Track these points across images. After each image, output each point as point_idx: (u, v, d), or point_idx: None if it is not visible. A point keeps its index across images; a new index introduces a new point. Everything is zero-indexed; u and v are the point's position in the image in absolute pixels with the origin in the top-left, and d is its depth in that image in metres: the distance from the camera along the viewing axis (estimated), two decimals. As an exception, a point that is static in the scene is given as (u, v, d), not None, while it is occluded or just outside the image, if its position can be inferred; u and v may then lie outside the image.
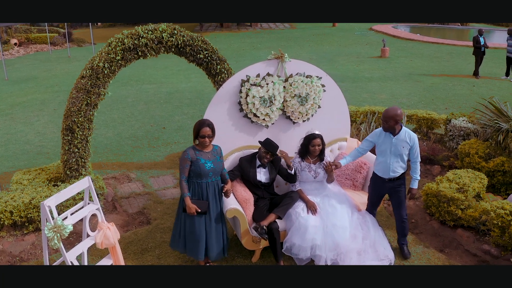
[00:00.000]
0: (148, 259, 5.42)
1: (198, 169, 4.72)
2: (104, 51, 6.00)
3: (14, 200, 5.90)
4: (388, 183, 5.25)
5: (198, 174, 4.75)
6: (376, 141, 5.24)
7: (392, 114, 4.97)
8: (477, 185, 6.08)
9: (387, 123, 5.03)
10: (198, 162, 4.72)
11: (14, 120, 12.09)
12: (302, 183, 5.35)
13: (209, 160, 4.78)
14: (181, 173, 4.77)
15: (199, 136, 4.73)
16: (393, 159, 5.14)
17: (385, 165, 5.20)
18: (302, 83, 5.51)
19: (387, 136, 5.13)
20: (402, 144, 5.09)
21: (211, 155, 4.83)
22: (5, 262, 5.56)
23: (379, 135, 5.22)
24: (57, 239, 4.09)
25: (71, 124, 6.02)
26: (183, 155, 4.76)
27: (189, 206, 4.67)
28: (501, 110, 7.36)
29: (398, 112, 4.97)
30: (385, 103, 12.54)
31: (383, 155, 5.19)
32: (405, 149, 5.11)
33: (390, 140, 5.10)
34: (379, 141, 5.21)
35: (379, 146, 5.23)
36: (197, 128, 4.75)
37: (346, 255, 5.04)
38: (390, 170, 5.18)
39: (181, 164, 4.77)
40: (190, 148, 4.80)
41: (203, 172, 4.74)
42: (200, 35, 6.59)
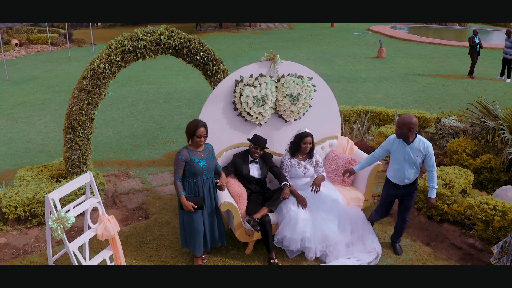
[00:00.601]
0: (146, 251, 5.67)
1: (193, 168, 4.95)
2: (104, 52, 6.26)
3: (18, 195, 6.15)
4: (402, 189, 5.29)
5: (193, 173, 4.98)
6: (390, 148, 5.25)
7: (406, 121, 4.92)
8: (463, 181, 6.32)
9: (400, 130, 4.99)
10: (193, 162, 4.94)
11: (16, 119, 12.33)
12: (292, 179, 5.61)
13: (203, 159, 5.01)
14: (176, 173, 4.98)
15: (195, 136, 4.94)
16: (407, 167, 5.13)
17: (400, 173, 5.20)
18: (293, 83, 5.76)
19: (401, 144, 5.11)
20: (416, 153, 5.07)
21: (204, 154, 5.06)
22: (10, 254, 5.80)
23: (392, 142, 5.22)
24: (60, 230, 4.34)
25: (73, 122, 6.27)
26: (177, 156, 4.96)
27: (185, 204, 4.92)
28: (489, 109, 7.61)
29: (413, 121, 4.91)
30: (379, 102, 12.79)
31: (397, 163, 5.19)
32: (419, 158, 5.09)
33: (404, 148, 5.09)
34: (393, 148, 5.20)
35: (393, 153, 5.23)
36: (192, 128, 4.95)
37: (335, 247, 5.30)
38: (405, 178, 5.19)
39: (176, 165, 4.97)
40: (184, 149, 5.01)
41: (197, 171, 4.97)
42: (197, 37, 6.85)
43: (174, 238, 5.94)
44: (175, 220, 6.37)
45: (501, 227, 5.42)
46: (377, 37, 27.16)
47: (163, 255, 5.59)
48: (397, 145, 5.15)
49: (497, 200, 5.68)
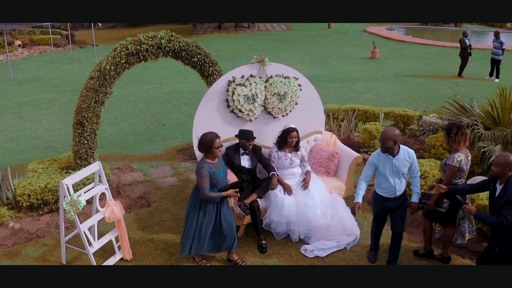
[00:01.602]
0: (148, 234, 6.30)
1: (215, 180, 5.10)
2: (110, 55, 6.88)
3: (31, 185, 6.77)
4: (394, 201, 5.29)
5: (215, 185, 5.13)
6: (376, 164, 5.19)
7: (390, 134, 4.93)
8: (436, 172, 6.93)
9: (385, 144, 4.98)
10: (215, 174, 5.07)
11: (23, 118, 12.93)
12: (279, 169, 6.23)
13: (221, 169, 5.19)
14: (204, 188, 4.98)
15: (213, 148, 5.02)
16: (396, 179, 5.13)
17: (390, 186, 5.18)
18: (280, 83, 6.39)
19: (387, 158, 5.09)
20: (403, 163, 5.08)
21: (220, 164, 5.22)
22: (24, 238, 6.40)
23: (377, 158, 5.18)
24: (73, 211, 4.96)
25: (82, 119, 6.90)
26: (201, 172, 4.97)
27: (228, 194, 5.11)
28: (464, 107, 8.23)
29: (396, 133, 4.93)
30: (369, 102, 13.37)
31: (385, 177, 5.15)
32: (405, 168, 5.12)
33: (391, 161, 5.08)
34: (379, 164, 5.16)
35: (380, 168, 5.17)
36: (209, 142, 5.00)
37: (317, 230, 5.93)
38: (397, 190, 5.20)
39: (203, 180, 4.96)
40: (204, 163, 5.05)
41: (219, 182, 5.15)
42: (194, 41, 7.48)
43: (173, 223, 6.57)
44: (174, 208, 7.00)
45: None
46: (372, 38, 27.75)
47: (163, 237, 6.21)
48: (383, 159, 5.12)
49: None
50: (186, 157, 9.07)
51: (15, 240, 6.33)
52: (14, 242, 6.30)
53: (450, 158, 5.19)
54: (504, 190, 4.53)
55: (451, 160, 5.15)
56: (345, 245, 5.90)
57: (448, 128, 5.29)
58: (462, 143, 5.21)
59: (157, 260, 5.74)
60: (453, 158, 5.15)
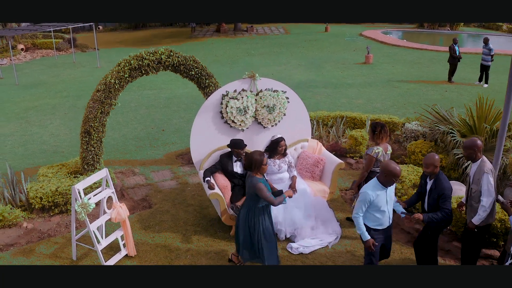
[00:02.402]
0: (150, 233, 6.94)
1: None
2: (115, 70, 7.53)
3: (43, 189, 7.41)
4: (388, 229, 5.35)
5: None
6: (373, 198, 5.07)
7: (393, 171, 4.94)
8: (413, 177, 7.57)
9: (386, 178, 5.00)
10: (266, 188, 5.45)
11: (29, 123, 13.52)
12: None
13: (266, 182, 5.63)
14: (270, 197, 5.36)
15: (262, 165, 5.44)
16: (389, 208, 5.21)
17: (385, 217, 5.19)
18: (270, 96, 7.04)
19: (380, 190, 5.08)
20: (392, 190, 5.22)
21: (264, 178, 5.65)
22: (36, 237, 7.04)
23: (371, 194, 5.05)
24: (84, 213, 5.60)
25: (89, 128, 7.55)
26: (260, 186, 5.32)
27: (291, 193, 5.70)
28: (442, 115, 8.88)
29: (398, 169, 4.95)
30: (360, 107, 14.02)
31: (380, 209, 5.12)
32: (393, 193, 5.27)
33: (385, 192, 5.10)
34: (374, 199, 5.06)
35: (375, 202, 5.08)
36: (259, 159, 5.39)
37: (302, 230, 6.58)
38: (389, 218, 5.26)
39: (265, 191, 5.33)
40: (257, 178, 5.45)
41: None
42: (192, 56, 8.12)
43: (173, 223, 7.22)
44: (173, 209, 7.65)
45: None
46: (368, 42, 28.37)
47: (163, 236, 6.86)
48: (377, 193, 5.06)
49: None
50: (185, 162, 9.72)
51: (28, 239, 6.97)
52: (27, 240, 6.94)
53: (370, 149, 6.28)
54: (434, 184, 5.27)
55: (370, 151, 6.25)
56: (327, 243, 6.54)
57: (373, 126, 6.29)
58: (384, 139, 6.31)
59: (158, 256, 6.39)
60: (372, 149, 6.24)
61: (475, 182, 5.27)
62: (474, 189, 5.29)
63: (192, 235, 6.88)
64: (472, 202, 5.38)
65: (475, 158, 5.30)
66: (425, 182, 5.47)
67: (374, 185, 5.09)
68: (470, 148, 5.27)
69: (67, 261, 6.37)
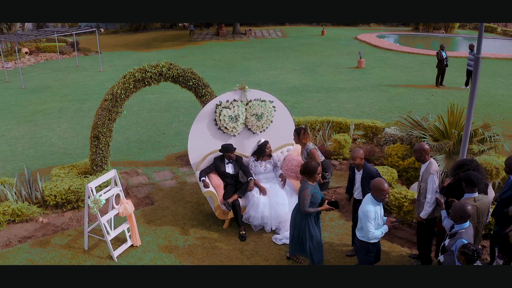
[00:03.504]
0: (152, 227, 7.86)
1: (316, 200, 6.15)
2: (121, 81, 8.44)
3: (57, 187, 8.32)
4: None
5: (314, 203, 6.15)
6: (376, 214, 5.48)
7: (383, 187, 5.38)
8: (388, 177, 8.46)
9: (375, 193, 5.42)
10: (316, 195, 6.13)
11: (37, 126, 14.32)
12: (256, 174, 7.79)
13: (318, 190, 6.26)
14: (305, 205, 6.04)
15: (315, 173, 6.08)
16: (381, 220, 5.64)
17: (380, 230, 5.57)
18: (258, 106, 7.97)
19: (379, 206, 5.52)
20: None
21: (317, 186, 6.28)
22: (51, 230, 7.93)
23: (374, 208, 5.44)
24: (96, 208, 6.52)
25: (97, 133, 8.46)
26: (306, 192, 6.01)
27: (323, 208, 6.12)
28: (416, 121, 9.78)
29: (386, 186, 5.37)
30: (349, 111, 14.86)
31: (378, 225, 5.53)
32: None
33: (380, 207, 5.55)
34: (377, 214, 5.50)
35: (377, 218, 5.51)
36: (314, 168, 6.05)
37: (286, 223, 7.48)
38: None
39: (306, 199, 6.00)
40: (308, 185, 6.09)
41: (317, 201, 6.18)
42: (189, 68, 9.03)
43: (172, 218, 8.13)
44: (173, 206, 8.57)
45: (409, 211, 7.55)
46: (363, 46, 29.16)
47: (164, 229, 7.78)
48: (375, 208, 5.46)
49: (408, 191, 7.82)
50: (184, 163, 10.63)
51: (44, 232, 7.87)
52: (43, 233, 7.84)
53: (308, 147, 7.45)
54: (365, 173, 6.38)
55: (309, 148, 7.43)
56: (308, 235, 7.45)
57: (297, 130, 7.57)
58: (308, 139, 7.56)
59: (159, 246, 7.30)
60: (309, 147, 7.45)
61: (423, 181, 6.17)
62: (422, 187, 6.19)
63: (190, 228, 7.80)
64: (420, 198, 6.28)
65: (424, 160, 6.20)
66: (353, 172, 6.58)
67: (370, 202, 5.45)
68: (418, 152, 6.17)
69: (79, 250, 7.28)
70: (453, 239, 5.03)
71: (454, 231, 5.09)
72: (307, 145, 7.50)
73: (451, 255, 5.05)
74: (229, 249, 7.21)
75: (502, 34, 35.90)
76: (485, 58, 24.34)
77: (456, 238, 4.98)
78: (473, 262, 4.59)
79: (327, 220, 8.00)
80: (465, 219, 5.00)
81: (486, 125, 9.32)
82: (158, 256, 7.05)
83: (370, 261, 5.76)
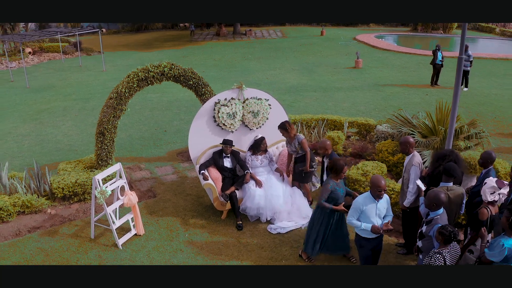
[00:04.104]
0: (154, 218, 8.34)
1: (337, 196, 6.35)
2: (125, 80, 8.92)
3: (64, 180, 8.80)
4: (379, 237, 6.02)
5: (335, 199, 6.35)
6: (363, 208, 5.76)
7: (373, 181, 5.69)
8: (377, 172, 8.92)
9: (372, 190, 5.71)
10: (336, 191, 6.35)
11: (43, 124, 14.78)
12: (252, 168, 8.27)
13: (341, 188, 6.48)
14: (322, 198, 6.37)
15: (341, 172, 6.34)
16: (379, 220, 5.85)
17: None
18: (254, 103, 8.44)
19: (371, 201, 5.76)
20: (384, 205, 5.89)
21: (341, 184, 6.52)
22: (59, 221, 8.40)
23: (362, 203, 5.76)
24: (102, 198, 6.99)
25: (103, 130, 8.94)
26: (326, 186, 6.32)
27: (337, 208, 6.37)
28: (405, 118, 10.26)
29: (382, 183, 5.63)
30: (345, 110, 15.30)
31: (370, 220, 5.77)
32: (385, 210, 5.92)
33: (375, 204, 5.78)
34: (364, 207, 5.75)
35: (365, 211, 5.77)
36: (340, 167, 6.31)
37: (280, 214, 7.95)
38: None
39: (324, 192, 6.31)
40: (330, 181, 6.36)
41: (339, 199, 6.38)
42: (190, 68, 9.51)
43: (173, 210, 8.61)
44: (174, 198, 9.05)
45: (396, 203, 8.01)
46: (361, 46, 29.58)
47: (165, 220, 8.26)
48: (367, 204, 5.75)
49: (396, 184, 8.29)
50: (184, 159, 11.10)
51: (52, 223, 8.35)
52: (51, 224, 8.31)
53: (300, 137, 7.97)
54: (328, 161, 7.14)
55: (301, 138, 7.97)
56: (301, 225, 7.91)
57: (283, 125, 8.07)
58: (295, 131, 8.11)
59: (161, 235, 7.78)
60: (300, 137, 7.98)
61: (406, 172, 6.65)
62: (405, 177, 6.67)
63: (190, 218, 8.28)
64: (403, 187, 6.76)
65: (408, 152, 6.68)
66: (323, 161, 7.63)
67: (366, 196, 5.79)
68: (403, 144, 6.67)
69: (86, 239, 7.75)
70: (429, 225, 5.50)
71: (430, 218, 5.56)
72: (298, 136, 8.02)
73: (429, 240, 5.52)
74: (227, 237, 7.69)
75: (501, 34, 36.14)
76: (481, 58, 24.85)
77: (433, 224, 5.45)
78: (450, 242, 5.06)
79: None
80: (439, 206, 5.47)
81: (472, 122, 9.79)
82: (160, 244, 7.53)
83: (364, 256, 6.08)
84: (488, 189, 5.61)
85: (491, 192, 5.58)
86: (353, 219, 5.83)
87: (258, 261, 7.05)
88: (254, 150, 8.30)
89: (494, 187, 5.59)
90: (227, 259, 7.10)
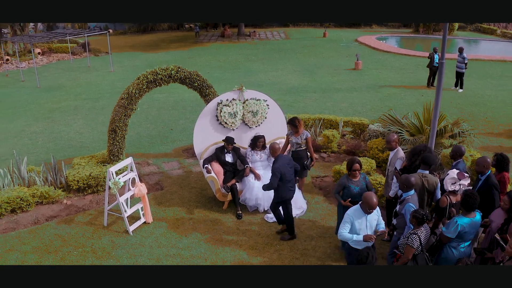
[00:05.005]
0: (162, 208, 9.12)
1: (350, 193, 6.84)
2: (135, 82, 9.70)
3: (79, 174, 9.59)
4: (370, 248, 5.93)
5: (349, 196, 6.83)
6: (353, 220, 5.96)
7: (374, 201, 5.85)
8: (366, 167, 9.64)
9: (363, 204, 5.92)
10: (350, 188, 6.84)
11: (55, 122, 15.52)
12: (252, 163, 9.04)
13: (357, 186, 6.86)
14: (336, 190, 7.04)
15: (351, 170, 6.84)
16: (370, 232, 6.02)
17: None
18: (254, 104, 9.21)
19: (362, 215, 5.95)
20: (374, 217, 6.06)
21: (359, 182, 6.90)
22: (74, 211, 9.17)
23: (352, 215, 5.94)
24: (116, 188, 7.78)
25: (115, 127, 9.74)
26: (339, 180, 7.01)
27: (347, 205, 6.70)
28: (396, 118, 10.99)
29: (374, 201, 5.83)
30: (343, 110, 15.92)
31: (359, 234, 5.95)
32: (375, 221, 6.11)
33: (365, 217, 5.98)
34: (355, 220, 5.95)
35: (355, 225, 5.95)
36: (349, 165, 6.81)
37: (276, 204, 8.69)
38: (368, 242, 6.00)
39: (337, 185, 7.03)
40: (345, 176, 6.93)
41: (353, 196, 6.76)
42: (195, 71, 10.28)
43: (180, 201, 9.39)
44: (180, 191, 9.83)
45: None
46: (362, 48, 30.11)
47: (172, 210, 9.04)
48: (358, 217, 5.95)
49: (383, 179, 9.01)
50: (189, 155, 11.87)
51: (68, 212, 9.12)
52: (67, 213, 9.09)
53: (304, 133, 8.70)
54: None
55: (306, 134, 8.69)
56: (296, 215, 8.64)
57: (292, 121, 8.72)
58: (302, 127, 8.77)
59: (168, 223, 8.56)
60: (305, 133, 8.69)
61: (391, 165, 7.40)
62: (390, 170, 7.42)
63: (194, 208, 9.07)
64: (388, 179, 7.51)
65: (393, 148, 7.44)
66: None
67: (356, 209, 6.03)
68: (389, 142, 7.42)
69: (99, 226, 8.53)
70: (402, 204, 6.30)
71: (402, 198, 6.36)
72: (305, 132, 8.78)
73: (402, 217, 6.33)
74: (227, 225, 8.45)
75: (502, 36, 36.27)
76: (478, 60, 25.42)
77: (404, 203, 6.25)
78: (423, 223, 5.85)
79: (313, 203, 9.23)
80: (410, 188, 6.29)
81: (456, 122, 10.50)
82: (167, 231, 8.30)
83: (349, 262, 6.41)
84: (449, 180, 6.38)
85: (452, 182, 6.35)
86: (344, 232, 5.98)
87: (255, 246, 7.81)
88: (253, 146, 9.07)
89: (455, 178, 6.35)
90: (227, 244, 7.86)
